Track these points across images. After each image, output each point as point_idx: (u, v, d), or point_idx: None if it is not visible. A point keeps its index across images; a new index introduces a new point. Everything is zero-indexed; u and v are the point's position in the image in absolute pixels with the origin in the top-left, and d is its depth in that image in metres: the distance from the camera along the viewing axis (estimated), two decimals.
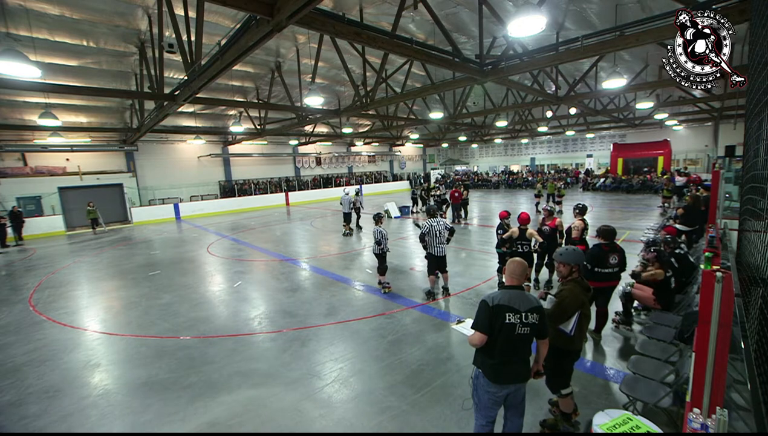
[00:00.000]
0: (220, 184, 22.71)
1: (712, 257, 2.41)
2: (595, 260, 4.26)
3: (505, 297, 2.40)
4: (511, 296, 2.41)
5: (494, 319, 2.35)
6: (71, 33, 9.34)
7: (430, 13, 7.28)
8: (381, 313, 5.54)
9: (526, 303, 2.40)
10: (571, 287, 2.88)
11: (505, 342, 2.37)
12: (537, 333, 2.45)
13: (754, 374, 2.11)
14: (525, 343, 2.44)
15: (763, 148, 3.10)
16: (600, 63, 11.51)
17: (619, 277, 4.39)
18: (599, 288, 4.18)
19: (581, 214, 5.75)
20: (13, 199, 15.44)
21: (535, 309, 2.40)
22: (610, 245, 4.30)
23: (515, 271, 2.49)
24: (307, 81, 11.58)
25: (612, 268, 4.26)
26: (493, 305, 2.38)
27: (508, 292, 2.43)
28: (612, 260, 4.24)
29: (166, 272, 8.56)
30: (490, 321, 2.36)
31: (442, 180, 28.31)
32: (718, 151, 21.42)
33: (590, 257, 4.30)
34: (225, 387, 3.82)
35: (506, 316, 2.34)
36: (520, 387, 2.52)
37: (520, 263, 2.53)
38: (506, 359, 2.41)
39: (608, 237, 4.31)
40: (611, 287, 4.36)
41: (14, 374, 4.33)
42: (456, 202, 13.29)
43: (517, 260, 2.57)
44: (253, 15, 5.28)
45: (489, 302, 2.40)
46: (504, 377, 2.45)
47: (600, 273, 4.23)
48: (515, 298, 2.40)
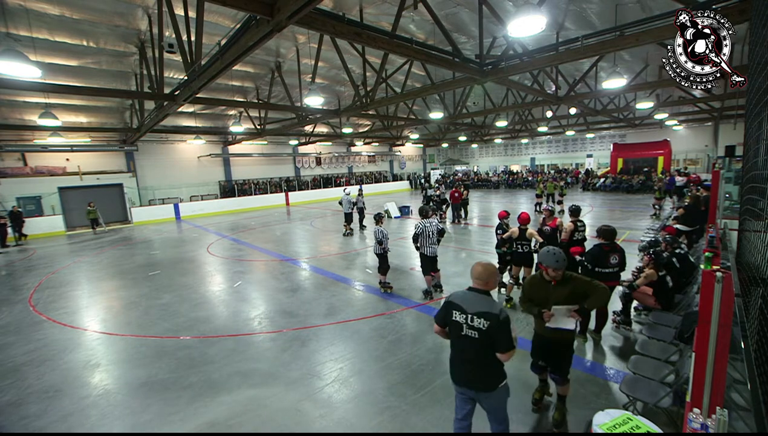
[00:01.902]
0: (220, 184, 22.71)
1: (712, 257, 2.40)
2: (595, 259, 4.27)
3: (458, 295, 2.47)
4: (465, 296, 2.43)
5: (445, 313, 2.47)
6: (71, 33, 9.34)
7: (430, 13, 7.28)
8: (381, 313, 5.54)
9: (477, 306, 2.33)
10: (535, 277, 3.07)
11: (454, 339, 2.47)
12: (488, 341, 2.28)
13: (754, 374, 2.11)
14: (473, 346, 2.34)
15: (763, 148, 3.10)
16: (600, 63, 11.52)
17: (619, 276, 4.39)
18: None
19: (574, 215, 5.81)
20: (13, 199, 15.45)
21: (485, 315, 2.28)
22: (611, 245, 4.31)
23: (476, 272, 2.44)
24: (307, 81, 11.58)
25: (612, 268, 4.28)
26: (447, 300, 2.50)
27: (466, 292, 2.46)
28: (612, 260, 4.26)
29: (166, 272, 8.56)
30: (443, 314, 2.49)
31: (442, 180, 28.30)
32: (718, 151, 21.42)
33: (591, 256, 4.31)
34: (225, 387, 3.82)
35: (453, 313, 2.42)
36: (489, 395, 2.39)
37: (484, 267, 2.44)
38: (456, 357, 2.50)
39: (609, 237, 4.31)
40: (611, 288, 4.33)
41: (14, 374, 4.33)
42: (456, 202, 13.31)
43: (483, 262, 2.48)
44: (253, 15, 5.28)
45: (448, 296, 2.53)
46: (455, 375, 2.51)
47: (600, 273, 4.24)
48: (468, 299, 2.41)
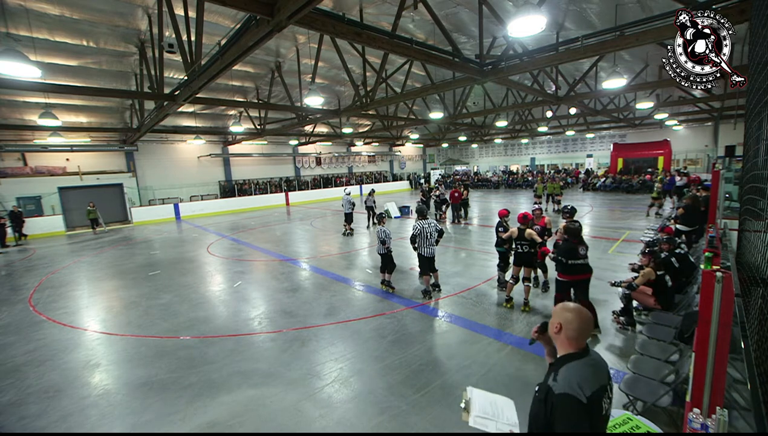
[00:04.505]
0: (220, 184, 22.71)
1: (712, 257, 2.41)
2: (568, 253, 4.57)
3: (587, 374, 1.48)
4: (584, 371, 1.49)
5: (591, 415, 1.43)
6: (71, 33, 9.34)
7: (430, 13, 7.28)
8: (381, 313, 5.54)
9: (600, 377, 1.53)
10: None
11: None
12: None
13: (754, 374, 2.11)
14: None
15: (763, 148, 3.10)
16: (600, 63, 11.52)
17: (590, 267, 4.69)
18: (576, 281, 4.58)
19: (570, 217, 5.79)
20: (13, 199, 15.44)
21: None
22: (578, 239, 4.66)
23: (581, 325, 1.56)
24: (307, 81, 11.58)
25: (583, 259, 4.59)
26: (586, 397, 1.41)
27: (582, 365, 1.50)
28: (582, 251, 4.58)
29: (166, 272, 8.56)
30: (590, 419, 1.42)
31: (442, 180, 28.31)
32: (718, 151, 21.43)
33: (563, 251, 4.61)
34: (225, 387, 3.82)
35: (603, 404, 1.48)
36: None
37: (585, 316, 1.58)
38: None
39: (575, 234, 4.65)
40: (586, 280, 4.64)
41: (14, 374, 4.33)
42: (456, 202, 13.31)
43: (576, 307, 1.61)
44: (253, 15, 5.28)
45: (579, 394, 1.41)
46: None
47: (574, 265, 4.55)
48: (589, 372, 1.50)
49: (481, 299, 5.91)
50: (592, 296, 5.55)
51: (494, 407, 1.74)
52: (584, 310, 1.58)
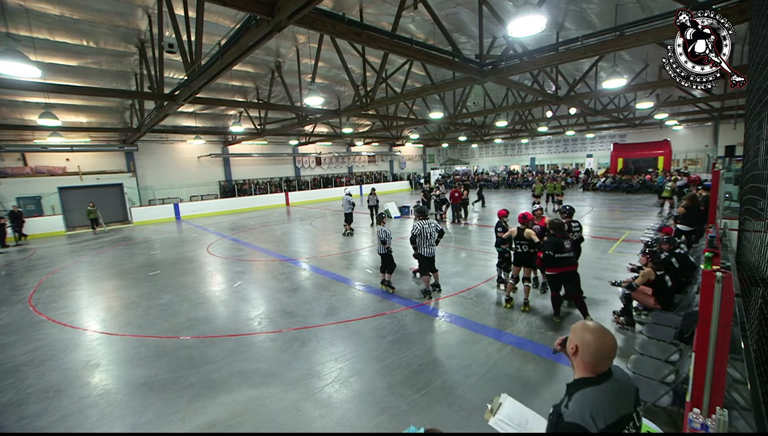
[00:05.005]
0: (220, 185, 22.71)
1: (712, 257, 2.41)
2: (555, 247, 4.78)
3: (604, 402, 1.35)
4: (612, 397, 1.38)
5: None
6: (71, 33, 9.34)
7: (430, 13, 7.29)
8: (381, 313, 5.54)
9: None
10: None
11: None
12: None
13: (754, 374, 2.11)
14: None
15: (763, 148, 3.10)
16: (600, 63, 11.52)
17: (576, 263, 4.93)
18: (563, 273, 4.81)
19: (569, 217, 5.98)
20: (13, 199, 15.44)
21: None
22: (563, 234, 4.90)
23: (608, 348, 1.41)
24: (307, 81, 11.58)
25: (568, 252, 4.81)
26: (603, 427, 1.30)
27: (602, 390, 1.37)
28: (567, 245, 4.82)
29: (166, 272, 8.56)
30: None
31: (442, 180, 28.31)
32: (718, 151, 21.43)
33: (551, 245, 4.81)
34: (225, 387, 3.82)
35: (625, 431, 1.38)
36: None
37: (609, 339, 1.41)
38: None
39: (559, 229, 4.90)
40: (573, 272, 4.83)
41: (14, 374, 4.33)
42: (456, 202, 13.31)
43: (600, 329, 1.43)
44: (253, 15, 5.28)
45: (589, 426, 1.29)
46: None
47: (561, 258, 4.76)
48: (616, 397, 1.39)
49: (481, 299, 5.91)
50: (592, 296, 5.58)
51: (521, 418, 1.71)
52: (608, 333, 1.40)
